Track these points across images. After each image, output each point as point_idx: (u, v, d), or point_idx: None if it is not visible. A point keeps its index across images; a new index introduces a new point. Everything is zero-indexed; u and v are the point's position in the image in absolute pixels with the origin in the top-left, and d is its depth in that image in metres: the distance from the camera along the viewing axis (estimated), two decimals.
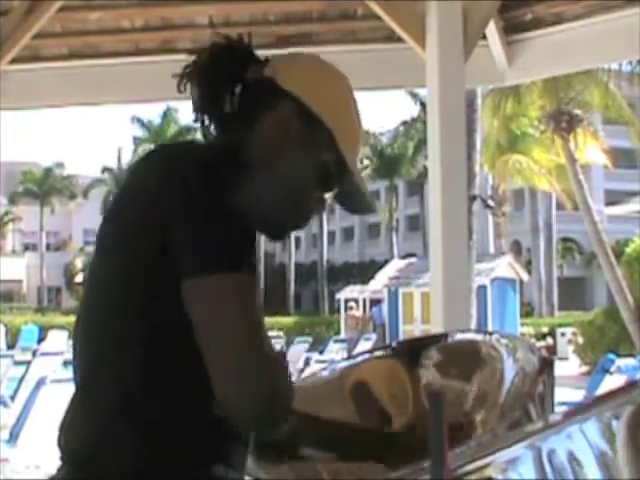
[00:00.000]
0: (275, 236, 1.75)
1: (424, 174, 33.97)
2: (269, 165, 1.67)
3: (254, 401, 1.45)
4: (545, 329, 30.27)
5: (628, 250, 21.88)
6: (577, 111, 20.51)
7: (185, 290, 1.47)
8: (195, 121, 1.71)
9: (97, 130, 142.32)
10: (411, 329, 24.67)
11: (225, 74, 1.69)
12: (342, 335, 26.85)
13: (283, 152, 1.67)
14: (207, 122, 1.70)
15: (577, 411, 1.32)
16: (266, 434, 1.63)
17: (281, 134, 1.67)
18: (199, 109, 1.69)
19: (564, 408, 1.38)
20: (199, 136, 1.75)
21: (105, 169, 51.93)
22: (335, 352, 19.34)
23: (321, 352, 19.77)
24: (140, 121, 48.32)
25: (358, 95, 1.81)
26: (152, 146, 1.88)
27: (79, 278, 52.52)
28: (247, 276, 1.49)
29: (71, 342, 1.69)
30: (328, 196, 1.74)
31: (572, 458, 1.28)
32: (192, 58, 1.73)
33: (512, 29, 5.07)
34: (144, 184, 1.60)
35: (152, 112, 47.70)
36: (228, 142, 1.68)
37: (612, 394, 1.34)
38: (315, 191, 1.71)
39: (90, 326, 1.62)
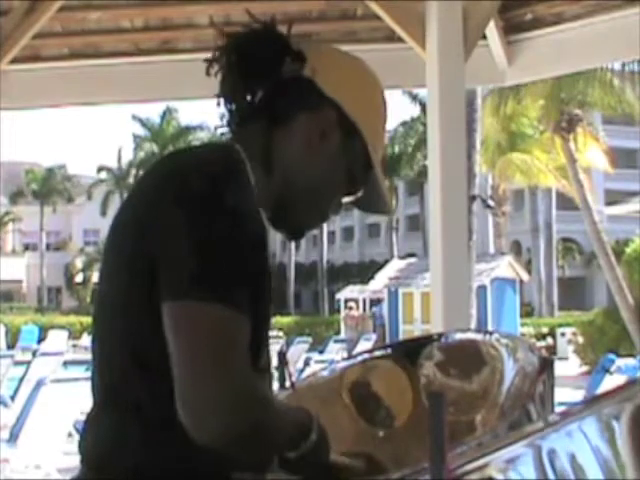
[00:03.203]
0: (293, 236, 1.73)
1: (423, 174, 33.95)
2: (299, 165, 1.65)
3: (209, 426, 1.42)
4: (545, 329, 30.26)
5: (628, 250, 21.86)
6: (577, 111, 20.48)
7: (166, 311, 1.45)
8: (219, 105, 1.67)
9: (97, 130, 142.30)
10: (411, 329, 24.67)
11: (260, 62, 1.66)
12: (342, 335, 26.85)
13: (316, 155, 1.66)
14: (234, 110, 1.67)
15: (576, 411, 1.32)
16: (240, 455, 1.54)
17: (318, 139, 1.65)
18: (229, 96, 1.66)
19: (564, 408, 1.38)
20: (200, 136, 1.74)
21: (101, 168, 51.83)
22: (335, 352, 19.33)
23: (321, 352, 19.76)
24: (140, 120, 48.31)
25: None
26: (152, 145, 1.87)
27: (79, 278, 52.52)
28: (230, 309, 1.43)
29: (91, 343, 1.66)
30: (346, 199, 1.74)
31: (572, 457, 1.28)
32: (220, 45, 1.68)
33: (512, 29, 5.07)
34: (146, 201, 1.56)
35: (152, 111, 47.74)
36: (254, 138, 1.64)
37: (611, 393, 1.34)
38: (339, 193, 1.71)
39: (104, 334, 1.61)
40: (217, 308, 1.42)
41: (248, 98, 1.67)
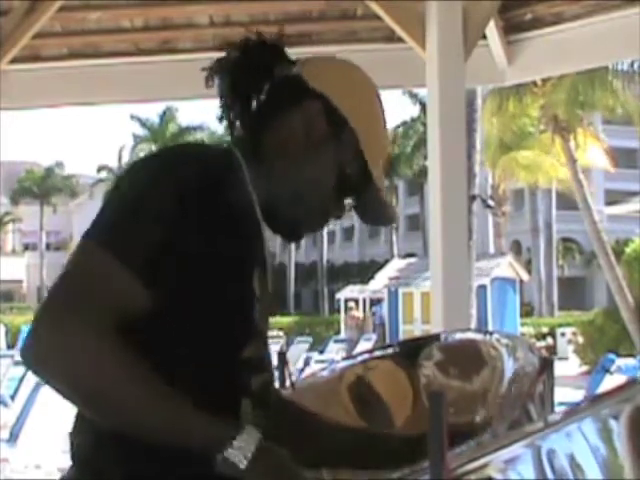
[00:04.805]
0: (289, 236, 1.73)
1: (423, 174, 33.92)
2: (290, 161, 1.65)
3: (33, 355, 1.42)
4: (545, 329, 30.24)
5: (628, 250, 21.84)
6: (577, 111, 20.45)
7: None
8: (221, 118, 1.69)
9: (97, 130, 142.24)
10: (411, 329, 24.66)
11: (256, 72, 1.67)
12: (342, 335, 26.84)
13: (306, 149, 1.65)
14: (233, 119, 1.69)
15: (576, 411, 1.32)
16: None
17: (305, 131, 1.65)
18: (227, 106, 1.68)
19: (564, 408, 1.38)
20: (200, 137, 1.75)
21: (101, 168, 51.80)
22: (335, 352, 19.32)
23: (321, 352, 19.76)
24: (139, 120, 48.27)
25: None
26: (151, 145, 1.89)
27: None
28: (110, 255, 1.44)
29: None
30: (348, 203, 1.72)
31: (571, 458, 1.28)
32: (219, 54, 1.69)
33: (512, 29, 5.07)
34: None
35: (151, 111, 47.66)
36: (249, 138, 1.66)
37: (610, 394, 1.34)
38: (335, 194, 1.69)
39: None
40: (106, 255, 1.44)
41: (247, 105, 1.68)
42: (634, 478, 1.28)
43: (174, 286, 1.49)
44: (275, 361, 1.80)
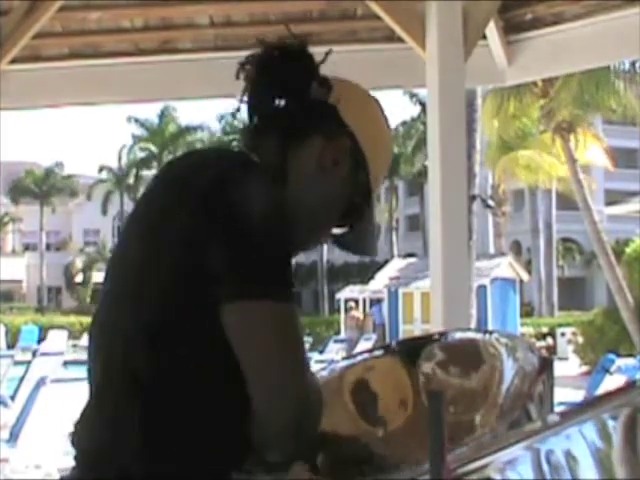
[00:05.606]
0: None
1: (423, 174, 33.92)
2: (306, 184, 1.68)
3: (287, 423, 1.48)
4: (545, 329, 30.26)
5: (628, 250, 21.84)
6: (577, 111, 20.45)
7: (228, 313, 1.48)
8: (237, 112, 1.70)
9: (97, 130, 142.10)
10: (411, 329, 24.68)
11: (290, 82, 1.68)
12: (342, 335, 26.85)
13: (325, 179, 1.69)
14: (254, 119, 1.70)
15: (576, 412, 1.32)
16: (287, 455, 1.58)
17: (330, 164, 1.69)
18: (253, 106, 1.69)
19: (563, 408, 1.38)
20: (199, 137, 1.74)
21: (102, 168, 51.82)
22: (335, 352, 19.33)
23: (321, 352, 19.77)
24: (138, 121, 48.25)
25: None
26: (150, 145, 1.86)
27: (79, 278, 52.48)
28: (291, 304, 1.51)
29: (87, 341, 1.67)
30: (335, 231, 1.76)
31: (570, 459, 1.28)
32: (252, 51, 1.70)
33: (512, 29, 5.07)
34: (174, 199, 1.58)
35: (150, 111, 47.61)
36: (269, 150, 1.67)
37: (611, 395, 1.34)
38: (334, 223, 1.74)
39: (109, 329, 1.61)
40: (284, 306, 1.50)
41: (271, 111, 1.69)
42: (630, 478, 1.28)
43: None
44: None
